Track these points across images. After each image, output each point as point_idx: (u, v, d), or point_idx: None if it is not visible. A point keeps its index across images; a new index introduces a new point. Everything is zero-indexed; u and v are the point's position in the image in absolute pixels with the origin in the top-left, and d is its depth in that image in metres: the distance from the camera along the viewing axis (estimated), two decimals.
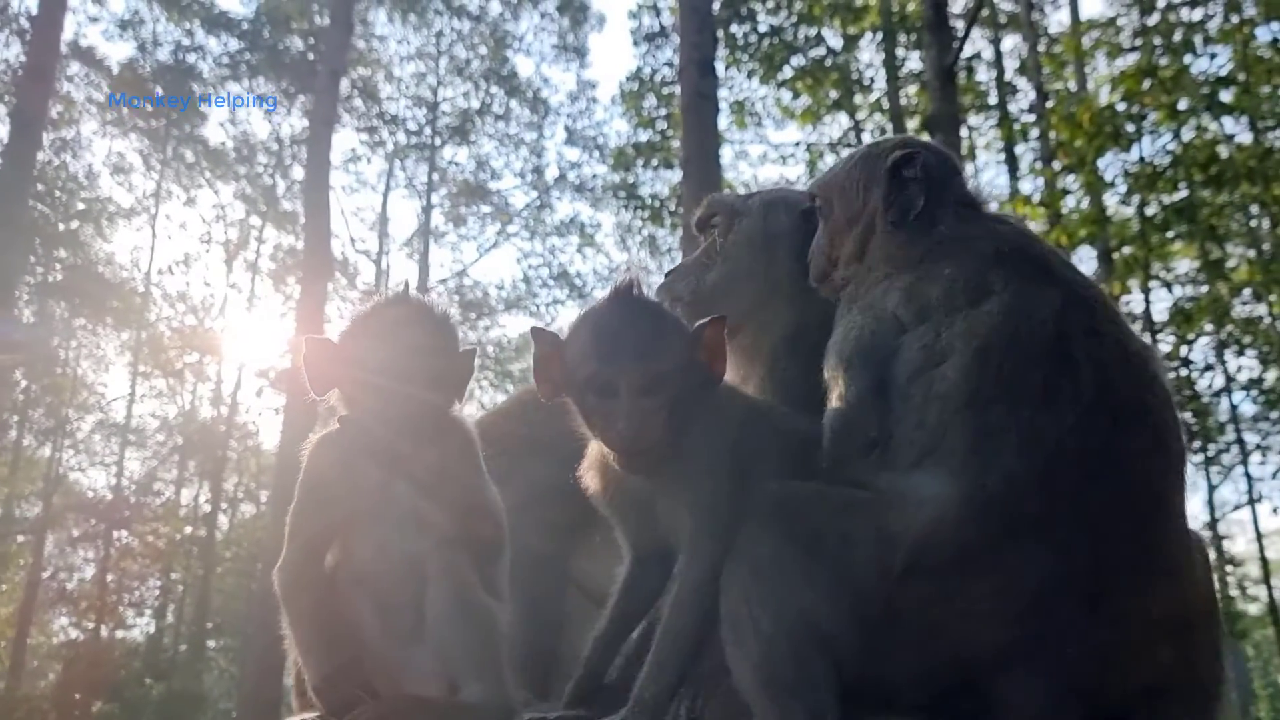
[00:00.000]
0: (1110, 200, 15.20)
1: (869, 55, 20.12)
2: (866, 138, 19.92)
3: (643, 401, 1.73)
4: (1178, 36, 14.05)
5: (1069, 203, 14.73)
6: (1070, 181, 14.56)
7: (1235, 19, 14.40)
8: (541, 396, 1.88)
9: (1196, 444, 16.80)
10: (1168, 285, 17.40)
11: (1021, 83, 18.67)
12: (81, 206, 24.87)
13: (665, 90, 19.89)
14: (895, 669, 1.62)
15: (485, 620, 1.86)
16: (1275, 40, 14.14)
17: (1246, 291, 15.90)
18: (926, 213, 1.93)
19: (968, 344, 1.69)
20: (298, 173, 27.31)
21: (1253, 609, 22.75)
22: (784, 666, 1.59)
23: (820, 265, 2.10)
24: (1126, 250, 15.15)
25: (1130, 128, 13.72)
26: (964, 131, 16.84)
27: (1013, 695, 1.58)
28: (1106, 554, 1.60)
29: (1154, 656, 1.74)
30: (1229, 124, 14.63)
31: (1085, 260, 17.20)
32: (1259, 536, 18.00)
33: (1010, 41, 19.56)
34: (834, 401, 1.80)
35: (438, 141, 30.98)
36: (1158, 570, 1.65)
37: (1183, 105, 13.70)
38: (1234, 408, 17.50)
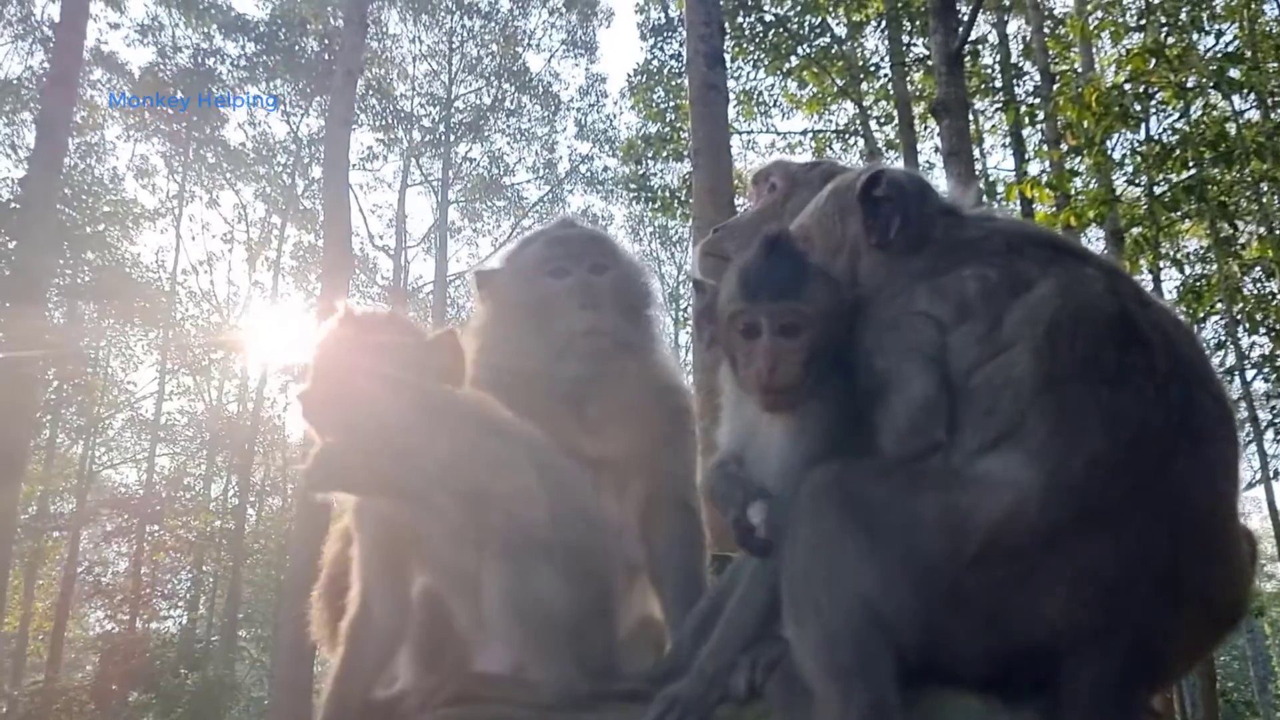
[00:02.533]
0: (1119, 180, 15.23)
1: (874, 42, 20.20)
2: (873, 125, 20.02)
3: (782, 341, 1.80)
4: (1184, 14, 14.02)
5: (1077, 184, 14.78)
6: (1078, 162, 14.60)
7: None
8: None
9: None
10: (1178, 264, 17.43)
11: (1027, 65, 18.66)
12: (107, 209, 25.15)
13: (674, 82, 20.02)
14: (958, 648, 1.60)
15: (540, 603, 1.88)
16: None
17: (1257, 269, 15.90)
18: (913, 229, 1.90)
19: (1034, 328, 1.64)
20: (316, 172, 27.67)
21: (1269, 586, 22.83)
22: (845, 649, 1.58)
23: None
24: (1136, 230, 15.17)
25: (1138, 107, 13.69)
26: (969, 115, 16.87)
27: (1079, 676, 1.56)
28: (1182, 534, 1.57)
29: (1202, 645, 1.77)
30: (1237, 101, 14.61)
31: (1094, 240, 17.28)
32: (1274, 514, 18.01)
33: (1015, 24, 19.57)
34: (894, 402, 1.72)
35: (452, 138, 31.25)
36: (1221, 555, 1.64)
37: (1190, 83, 13.66)
38: (1246, 385, 17.50)
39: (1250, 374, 17.60)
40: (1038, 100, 16.65)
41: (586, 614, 1.92)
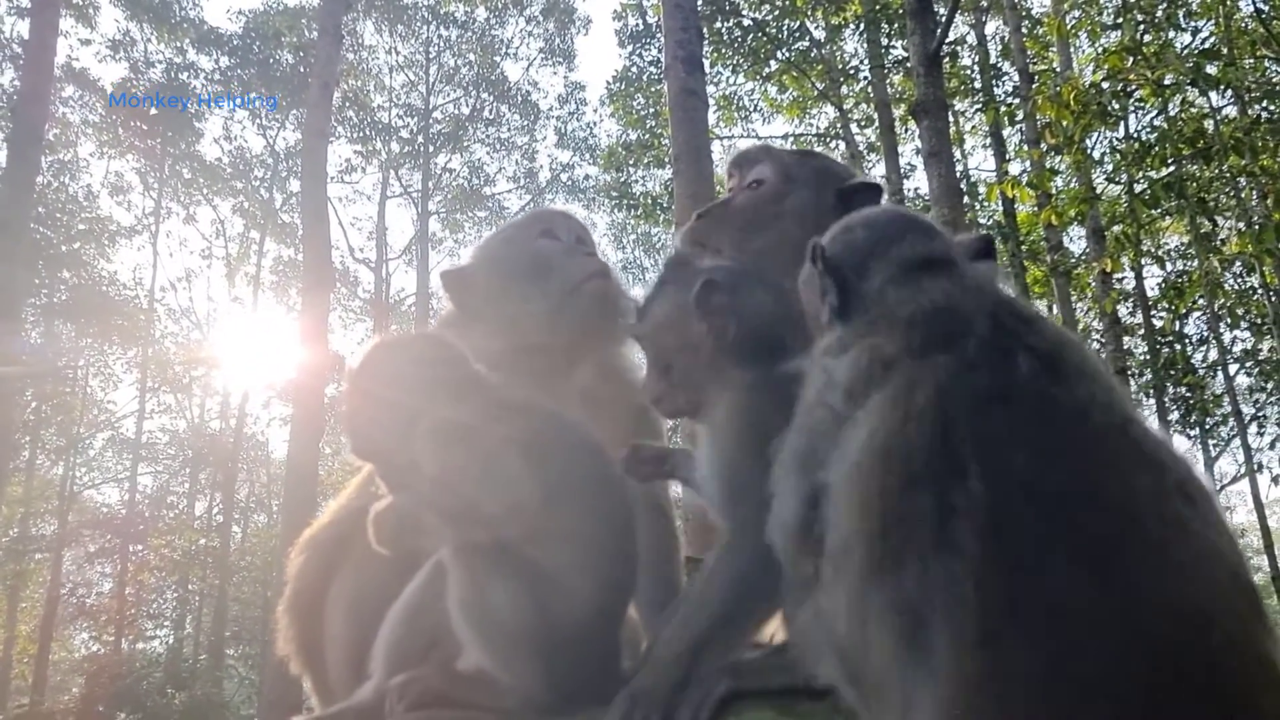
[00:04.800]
0: (1098, 178, 15.31)
1: (853, 45, 20.29)
2: (854, 128, 20.09)
3: (649, 365, 1.96)
4: (1160, 12, 14.10)
5: (1058, 183, 14.85)
6: (1058, 161, 14.67)
7: None
8: None
9: (1194, 417, 16.98)
10: (1159, 261, 17.54)
11: (1006, 65, 18.77)
12: (82, 227, 25.03)
13: (653, 89, 20.05)
14: None
15: (494, 613, 1.85)
16: (1258, 12, 14.22)
17: (1238, 264, 16.01)
18: (859, 294, 1.63)
19: (841, 464, 1.36)
20: (294, 185, 27.54)
21: (1256, 578, 23.01)
22: None
23: None
24: (1117, 228, 15.27)
25: (1116, 105, 13.77)
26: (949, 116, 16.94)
27: None
28: None
29: None
30: (1214, 97, 14.71)
31: (1076, 239, 17.39)
32: (1259, 506, 18.06)
33: (993, 25, 19.69)
34: (776, 514, 1.54)
35: (431, 149, 31.17)
36: None
37: (1168, 80, 13.74)
38: (1230, 380, 17.64)
39: (1233, 368, 17.77)
40: (1017, 100, 16.73)
41: (563, 627, 1.86)
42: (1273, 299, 15.18)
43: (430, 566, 2.02)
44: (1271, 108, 14.41)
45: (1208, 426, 17.80)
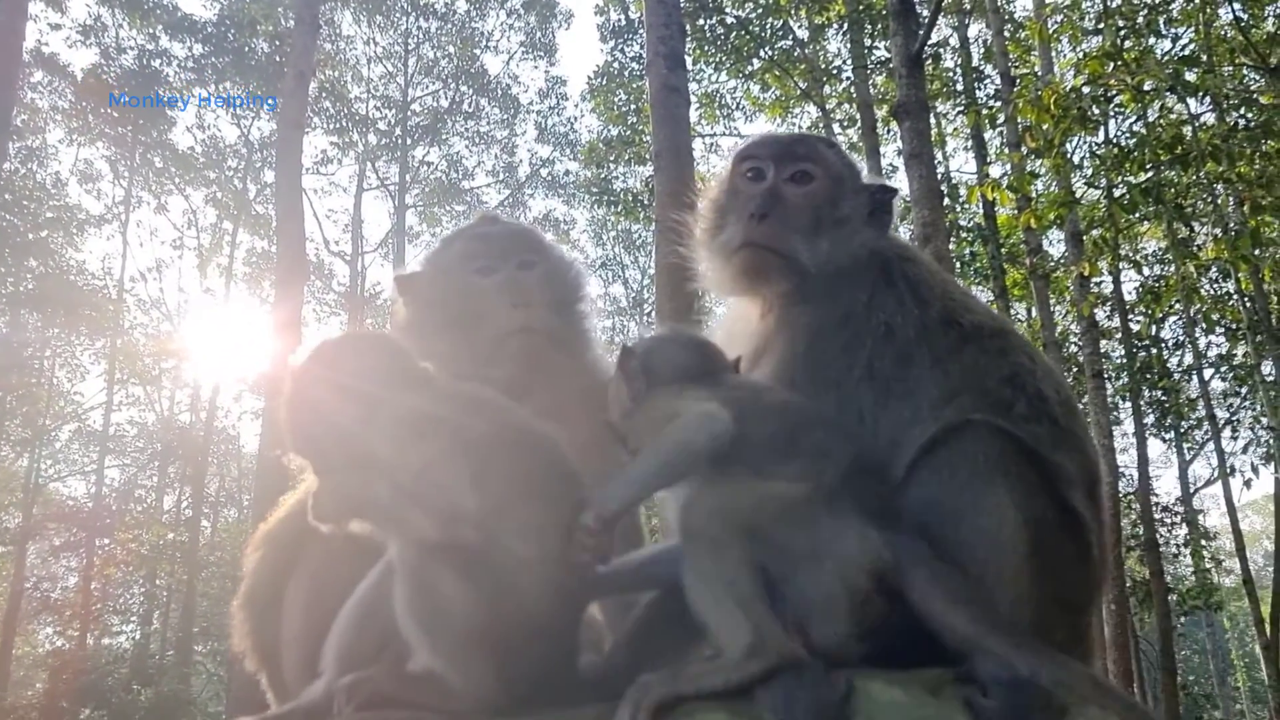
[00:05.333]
0: (1078, 182, 15.38)
1: (836, 45, 20.34)
2: (836, 128, 20.09)
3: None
4: (1141, 19, 14.17)
5: (1038, 186, 14.88)
6: (1038, 165, 14.70)
7: (1196, 0, 14.57)
8: None
9: (1169, 421, 17.14)
10: (1137, 265, 17.66)
11: (988, 68, 18.85)
12: (50, 215, 24.68)
13: (635, 85, 20.01)
14: None
15: (442, 612, 1.82)
16: (1237, 20, 14.33)
17: (1214, 269, 16.13)
18: None
19: None
20: (269, 176, 27.23)
21: (1228, 581, 23.25)
22: None
23: None
24: (1095, 232, 15.36)
25: (1096, 110, 13.82)
26: (931, 118, 16.96)
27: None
28: None
29: None
30: (1193, 104, 14.82)
31: (1055, 243, 17.47)
32: (1232, 510, 18.27)
33: (976, 28, 19.76)
34: None
35: (408, 141, 30.96)
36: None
37: (1147, 86, 13.81)
38: (1204, 384, 17.82)
39: (1208, 373, 17.94)
40: (998, 103, 16.78)
41: (515, 626, 1.82)
42: (1248, 304, 15.32)
43: (383, 565, 1.96)
44: (1249, 115, 14.51)
45: (1183, 430, 17.99)
